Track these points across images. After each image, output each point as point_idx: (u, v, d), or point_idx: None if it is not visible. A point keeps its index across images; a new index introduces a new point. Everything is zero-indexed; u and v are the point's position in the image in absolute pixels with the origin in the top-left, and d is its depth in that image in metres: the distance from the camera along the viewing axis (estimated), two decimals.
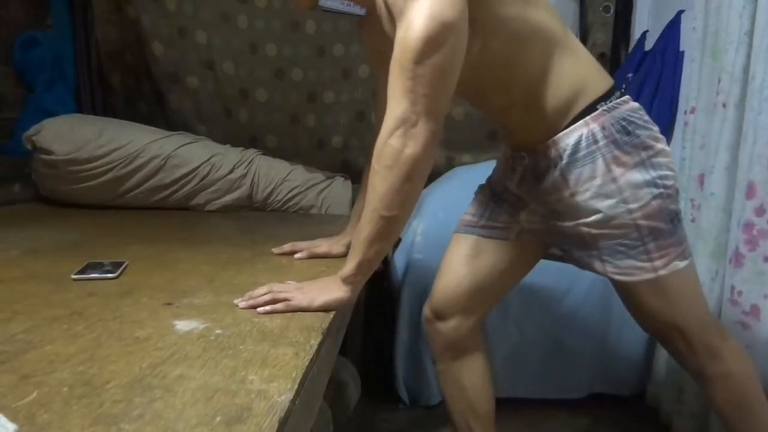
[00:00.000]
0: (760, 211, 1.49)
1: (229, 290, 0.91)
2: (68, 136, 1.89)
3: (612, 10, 2.58)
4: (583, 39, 2.58)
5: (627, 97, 1.07)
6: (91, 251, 1.21)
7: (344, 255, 1.22)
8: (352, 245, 0.89)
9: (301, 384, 0.60)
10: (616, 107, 1.04)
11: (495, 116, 1.17)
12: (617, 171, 1.02)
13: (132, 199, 1.95)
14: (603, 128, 1.02)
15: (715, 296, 1.67)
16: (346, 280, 0.88)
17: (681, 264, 1.07)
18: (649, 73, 2.20)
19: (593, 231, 1.07)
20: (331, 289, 0.88)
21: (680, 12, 2.16)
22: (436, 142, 0.86)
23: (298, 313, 0.83)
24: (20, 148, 1.95)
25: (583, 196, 1.05)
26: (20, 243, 1.30)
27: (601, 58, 2.64)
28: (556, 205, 1.11)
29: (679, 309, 1.13)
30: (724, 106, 1.64)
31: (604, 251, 1.08)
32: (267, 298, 0.86)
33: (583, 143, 1.03)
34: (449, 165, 2.53)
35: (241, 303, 0.86)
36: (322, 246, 1.28)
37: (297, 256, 1.23)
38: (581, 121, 1.03)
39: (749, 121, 1.53)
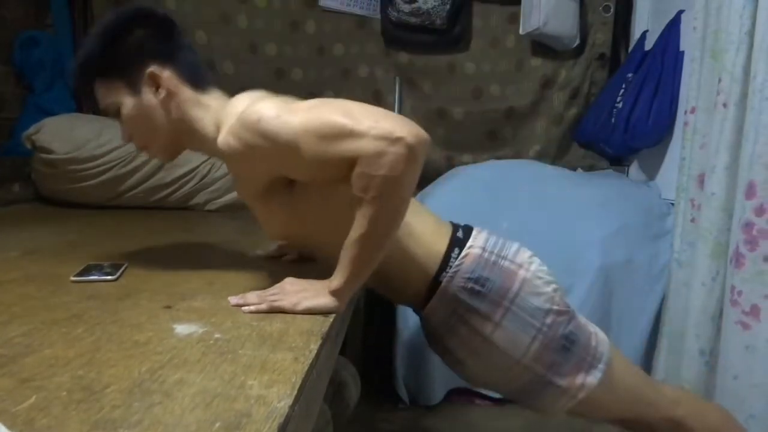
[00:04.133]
0: (759, 211, 1.49)
1: (228, 293, 0.91)
2: (68, 136, 1.88)
3: (612, 10, 2.58)
4: (583, 39, 2.58)
5: (469, 243, 1.06)
6: (90, 252, 1.21)
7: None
8: (339, 260, 0.88)
9: (301, 389, 0.60)
10: (457, 271, 1.04)
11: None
12: (486, 331, 1.04)
13: (131, 198, 1.95)
14: (454, 299, 1.04)
15: (716, 296, 1.67)
16: (334, 293, 0.88)
17: (594, 379, 1.08)
18: (649, 73, 2.20)
19: (495, 387, 1.15)
20: (319, 295, 0.87)
21: (680, 12, 2.16)
22: (411, 159, 0.81)
23: (298, 317, 0.83)
24: (20, 148, 1.95)
25: (469, 363, 1.10)
26: (19, 244, 1.30)
27: (601, 58, 2.64)
28: (457, 371, 1.18)
29: (621, 406, 1.16)
30: (724, 105, 1.64)
31: (517, 398, 1.14)
32: (255, 299, 0.87)
33: (446, 317, 1.06)
34: (449, 165, 2.53)
35: (233, 300, 0.87)
36: None
37: (286, 258, 1.23)
38: (433, 300, 1.06)
39: (750, 121, 1.53)
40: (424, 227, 1.08)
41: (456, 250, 1.05)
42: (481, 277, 1.03)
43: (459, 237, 1.08)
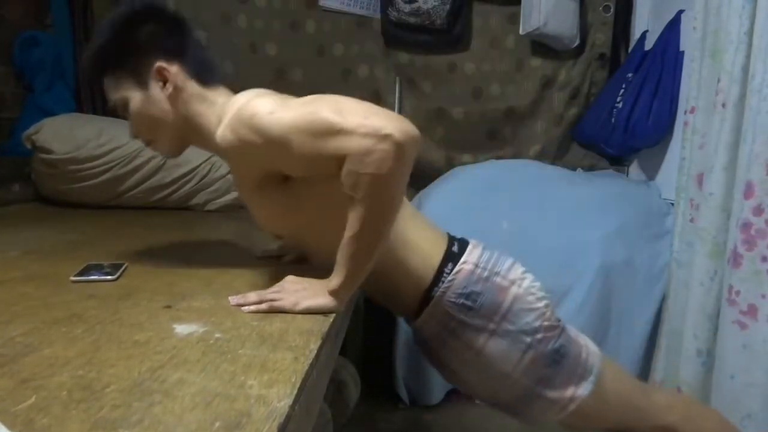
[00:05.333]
0: (757, 211, 1.49)
1: (228, 293, 0.91)
2: (68, 136, 1.88)
3: (612, 10, 2.58)
4: (583, 39, 2.58)
5: (463, 259, 1.06)
6: (90, 252, 1.21)
7: None
8: (337, 260, 0.89)
9: (301, 389, 0.60)
10: (450, 286, 1.04)
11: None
12: (477, 345, 1.05)
13: (131, 198, 1.95)
14: (446, 313, 1.05)
15: (714, 296, 1.67)
16: (332, 293, 0.88)
17: (585, 391, 1.08)
18: (649, 73, 2.20)
19: (486, 399, 1.15)
20: (319, 295, 0.88)
21: (680, 12, 2.16)
22: (399, 157, 0.80)
23: (298, 316, 0.83)
24: (20, 148, 1.95)
25: (461, 375, 1.11)
26: (19, 244, 1.30)
27: (601, 58, 2.64)
28: (448, 379, 1.19)
29: (612, 416, 1.16)
30: (723, 105, 1.64)
31: (508, 409, 1.14)
32: (255, 298, 0.87)
33: (437, 331, 1.07)
34: (449, 165, 2.53)
35: (233, 299, 0.87)
36: None
37: (285, 258, 1.23)
38: (424, 313, 1.06)
39: (748, 121, 1.53)
40: (420, 239, 1.08)
41: (449, 265, 1.06)
42: (473, 293, 1.04)
43: (454, 251, 1.08)
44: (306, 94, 0.95)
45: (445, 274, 1.05)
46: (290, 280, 0.91)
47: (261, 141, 0.87)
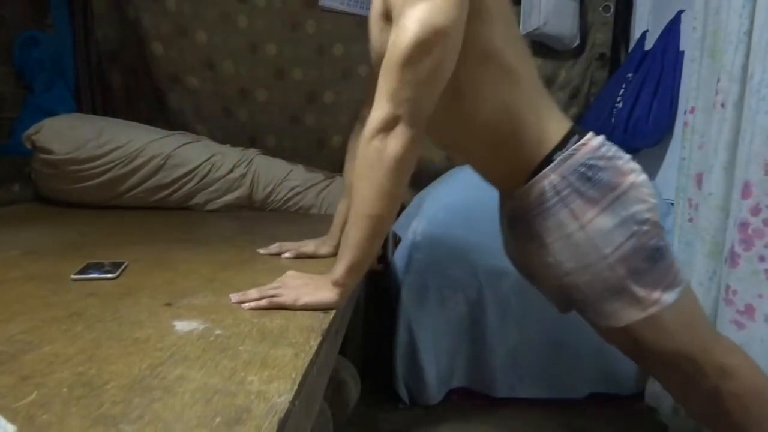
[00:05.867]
0: (755, 211, 1.49)
1: (228, 291, 0.91)
2: (68, 136, 1.89)
3: (612, 10, 2.58)
4: (583, 39, 2.58)
5: (588, 136, 1.06)
6: (90, 251, 1.21)
7: (332, 255, 1.22)
8: (340, 248, 0.89)
9: (301, 385, 0.60)
10: (573, 154, 1.04)
11: (461, 156, 1.17)
12: (584, 219, 1.03)
13: (132, 198, 1.95)
14: (563, 178, 1.03)
15: (712, 296, 1.67)
16: (336, 283, 0.88)
17: (669, 298, 1.06)
18: (649, 73, 2.20)
19: (570, 282, 1.08)
20: (319, 290, 0.88)
21: (680, 12, 2.16)
22: (417, 146, 0.86)
23: (298, 313, 0.83)
24: (20, 148, 1.95)
25: (554, 248, 1.06)
26: (19, 243, 1.30)
27: (601, 58, 2.64)
28: (529, 258, 1.14)
29: (681, 338, 1.12)
30: (723, 105, 1.63)
31: (587, 301, 1.09)
32: (255, 294, 0.87)
33: (547, 196, 1.04)
34: (449, 165, 2.53)
35: (234, 297, 0.88)
36: (309, 246, 1.28)
37: (284, 256, 1.23)
38: (540, 174, 1.04)
39: (747, 121, 1.53)
40: (547, 109, 1.08)
41: (576, 137, 1.05)
42: (596, 166, 1.03)
43: (579, 128, 1.08)
44: (306, 94, 0.95)
45: (570, 143, 1.04)
46: (291, 275, 0.91)
47: None
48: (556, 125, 1.07)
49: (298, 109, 2.49)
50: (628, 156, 1.10)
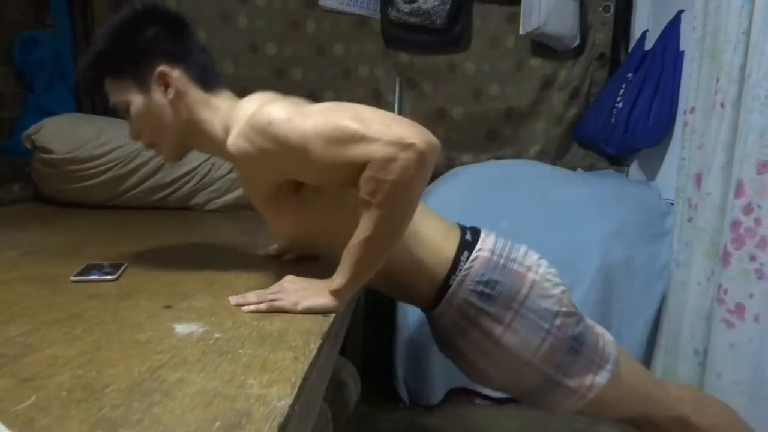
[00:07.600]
0: (747, 210, 1.49)
1: (228, 293, 0.91)
2: (68, 135, 1.88)
3: (612, 10, 2.58)
4: (583, 39, 2.58)
5: (478, 245, 1.07)
6: (90, 252, 1.21)
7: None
8: (342, 261, 0.88)
9: (301, 389, 0.60)
10: (468, 273, 1.05)
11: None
12: (496, 334, 1.05)
13: (132, 198, 1.95)
14: (464, 300, 1.05)
15: (710, 296, 1.66)
16: (335, 293, 0.88)
17: (603, 379, 1.08)
18: (649, 73, 2.21)
19: (507, 386, 1.14)
20: (318, 296, 0.88)
21: (680, 12, 2.16)
22: (421, 166, 0.81)
23: (298, 316, 0.83)
24: (20, 148, 1.95)
25: (481, 364, 1.10)
26: (19, 244, 1.30)
27: (601, 58, 2.64)
28: (468, 369, 1.17)
29: (627, 404, 1.16)
30: (722, 105, 1.64)
31: (528, 398, 1.14)
32: (254, 298, 0.87)
33: (456, 319, 1.07)
34: (449, 165, 2.53)
35: (233, 299, 0.87)
36: None
37: (285, 257, 1.23)
38: (444, 302, 1.06)
39: (743, 121, 1.53)
40: (432, 232, 1.08)
41: (465, 254, 1.06)
42: (491, 280, 1.04)
43: (467, 240, 1.08)
44: (306, 94, 0.95)
45: (461, 263, 1.05)
46: (290, 279, 0.91)
47: (279, 149, 0.86)
48: (444, 245, 1.08)
49: None
50: (523, 249, 1.11)
